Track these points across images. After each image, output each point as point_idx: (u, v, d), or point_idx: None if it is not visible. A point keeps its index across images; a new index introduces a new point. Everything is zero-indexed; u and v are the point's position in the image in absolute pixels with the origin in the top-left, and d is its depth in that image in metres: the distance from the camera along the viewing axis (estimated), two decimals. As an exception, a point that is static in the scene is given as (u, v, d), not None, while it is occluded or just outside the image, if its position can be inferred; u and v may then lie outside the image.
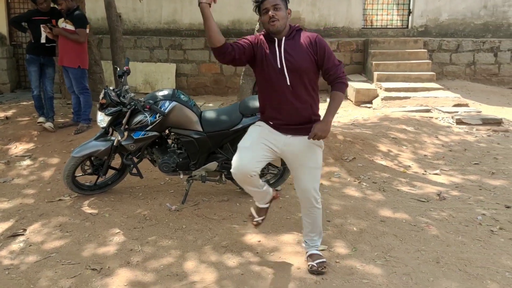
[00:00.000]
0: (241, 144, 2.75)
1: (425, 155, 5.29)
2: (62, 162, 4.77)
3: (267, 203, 2.99)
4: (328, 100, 2.73)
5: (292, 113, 2.68)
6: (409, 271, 2.82)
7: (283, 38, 2.64)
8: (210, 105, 8.32)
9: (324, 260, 2.82)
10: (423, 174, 4.71)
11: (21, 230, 3.39)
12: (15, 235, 3.33)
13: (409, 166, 4.94)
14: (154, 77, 9.74)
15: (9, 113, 6.77)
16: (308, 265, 2.81)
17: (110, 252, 3.07)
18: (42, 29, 5.59)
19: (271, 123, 2.75)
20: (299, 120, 2.70)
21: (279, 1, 2.60)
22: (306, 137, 2.65)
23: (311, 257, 2.84)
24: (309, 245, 2.90)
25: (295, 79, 2.64)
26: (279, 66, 2.62)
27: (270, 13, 2.57)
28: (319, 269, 2.76)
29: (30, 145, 5.37)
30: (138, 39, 9.83)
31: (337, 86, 2.68)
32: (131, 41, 9.76)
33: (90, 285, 2.70)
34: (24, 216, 3.65)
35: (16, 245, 3.19)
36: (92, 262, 2.93)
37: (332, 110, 2.65)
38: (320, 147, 2.77)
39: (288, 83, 2.63)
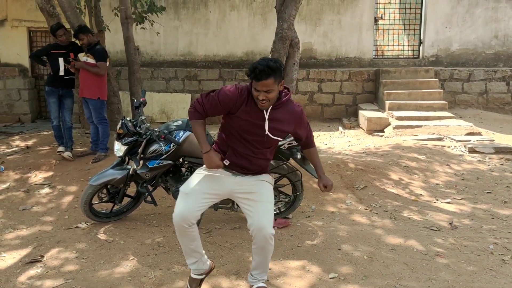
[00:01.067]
0: (182, 189, 2.75)
1: (436, 184, 5.30)
2: (79, 190, 4.92)
3: (202, 275, 2.91)
4: (340, 129, 2.88)
5: (253, 165, 2.78)
6: (419, 299, 2.83)
7: (270, 107, 2.67)
8: (224, 134, 8.46)
9: None
10: (434, 202, 4.72)
11: (39, 257, 3.49)
12: (33, 262, 3.42)
13: (421, 194, 4.95)
14: (170, 107, 9.98)
15: (30, 142, 7.00)
16: None
17: (124, 278, 3.14)
18: (60, 62, 5.85)
19: (227, 163, 2.77)
20: (256, 170, 2.81)
21: (273, 85, 2.55)
22: (257, 176, 2.80)
23: None
24: (256, 278, 2.86)
25: (270, 143, 2.76)
26: (263, 130, 2.68)
27: (261, 96, 2.56)
28: None
29: (50, 174, 5.54)
30: (155, 70, 10.13)
31: (314, 147, 3.00)
32: (148, 72, 10.07)
33: (105, 310, 2.77)
34: (42, 243, 3.76)
35: (34, 271, 3.28)
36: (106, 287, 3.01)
37: (320, 165, 2.95)
38: (269, 183, 2.85)
39: (266, 147, 2.77)
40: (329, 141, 7.96)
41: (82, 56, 5.88)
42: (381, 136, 8.02)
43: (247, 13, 10.51)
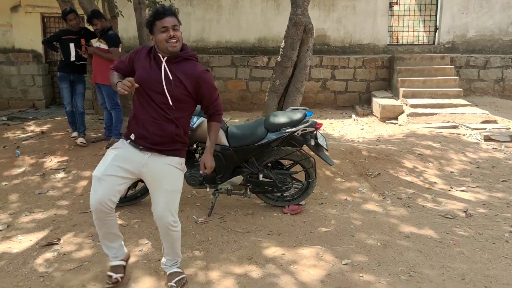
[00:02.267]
0: (94, 173, 2.68)
1: (451, 172, 5.24)
2: (94, 175, 4.96)
3: (122, 260, 2.89)
4: (353, 116, 2.81)
5: (157, 130, 2.65)
6: (433, 287, 2.81)
7: (167, 58, 2.63)
8: (236, 120, 8.47)
9: (182, 276, 2.82)
10: (449, 190, 4.68)
11: (56, 240, 3.55)
12: (49, 244, 3.48)
13: (435, 182, 4.91)
14: (182, 94, 9.98)
15: (45, 128, 7.06)
16: (168, 286, 2.79)
17: (139, 262, 3.18)
18: (71, 47, 5.86)
19: (132, 138, 2.70)
20: (160, 144, 2.67)
21: (177, 22, 2.59)
22: (166, 158, 2.68)
23: (170, 276, 2.82)
24: (167, 265, 2.87)
25: (173, 101, 2.64)
26: (159, 84, 2.61)
27: (170, 32, 2.54)
28: (179, 287, 2.76)
29: (64, 158, 5.60)
30: (167, 56, 10.11)
31: (217, 118, 2.85)
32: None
33: (120, 292, 2.81)
34: (58, 226, 3.82)
35: (51, 254, 3.34)
36: (122, 271, 3.05)
37: (213, 140, 2.85)
38: (180, 170, 2.75)
39: (170, 102, 2.63)
40: (342, 128, 7.91)
41: (95, 42, 5.89)
42: (395, 123, 7.94)
43: (260, -1, 10.41)
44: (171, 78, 2.62)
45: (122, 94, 2.62)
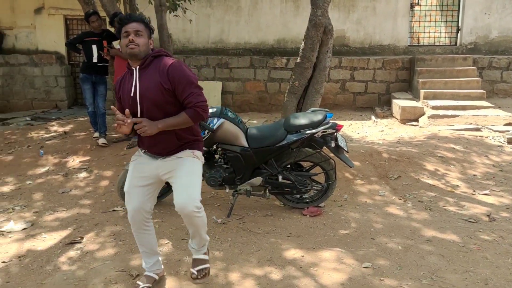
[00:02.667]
0: (124, 189, 2.74)
1: (474, 175, 5.16)
2: (115, 175, 5.04)
3: (155, 274, 2.89)
4: (372, 118, 2.78)
5: (157, 143, 2.63)
6: (456, 291, 2.77)
7: (138, 67, 2.56)
8: (254, 121, 8.48)
9: (206, 266, 2.77)
10: (472, 194, 4.60)
11: (79, 238, 3.61)
12: (73, 243, 3.54)
13: (457, 185, 4.84)
14: (201, 95, 10.04)
15: (67, 128, 7.20)
16: (190, 272, 2.79)
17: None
18: (94, 49, 5.97)
19: (142, 151, 2.73)
20: (167, 149, 2.65)
21: (142, 28, 2.54)
22: (178, 153, 2.66)
23: (194, 262, 2.79)
24: (194, 248, 2.81)
25: (154, 110, 2.54)
26: (132, 95, 2.54)
27: (130, 36, 2.49)
28: (199, 277, 2.73)
29: (86, 158, 5.69)
30: (187, 58, 10.20)
31: (189, 111, 2.55)
32: (180, 60, 10.14)
33: (141, 291, 2.84)
34: (81, 225, 3.88)
35: (74, 252, 3.40)
36: (143, 270, 3.07)
37: (168, 120, 2.53)
38: (195, 157, 2.69)
39: (158, 113, 2.54)
40: (362, 130, 7.85)
41: (116, 44, 5.98)
42: (415, 125, 7.85)
43: (279, 0, 10.41)
44: (139, 86, 2.52)
45: (123, 132, 2.53)
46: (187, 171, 2.63)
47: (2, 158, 5.97)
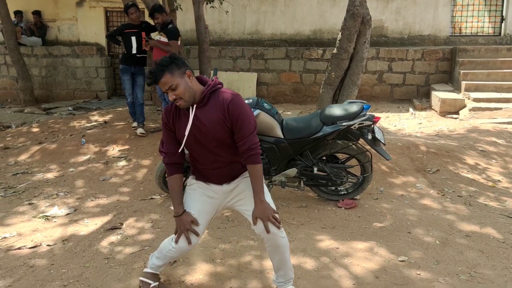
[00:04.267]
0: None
1: (517, 170, 4.98)
2: (153, 164, 5.17)
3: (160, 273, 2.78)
4: (410, 110, 2.71)
5: (220, 174, 2.53)
6: (495, 288, 2.71)
7: (195, 106, 2.40)
8: (289, 113, 8.46)
9: None
10: (514, 189, 4.45)
11: (119, 224, 3.74)
12: (113, 228, 3.68)
13: (499, 180, 4.68)
14: (236, 86, 10.10)
15: (107, 118, 7.42)
16: None
17: (196, 249, 3.28)
18: (133, 41, 6.11)
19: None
20: (230, 176, 2.54)
21: (171, 79, 2.29)
22: (238, 179, 2.54)
23: None
24: (282, 281, 2.59)
25: (217, 147, 2.44)
26: (187, 133, 2.41)
27: (170, 96, 2.33)
28: None
29: (125, 147, 5.86)
30: (222, 49, 10.27)
31: (251, 159, 2.40)
32: (216, 51, 10.22)
33: (176, 273, 2.92)
34: (121, 212, 4.02)
35: (114, 237, 3.53)
36: (180, 256, 3.16)
37: (258, 188, 2.39)
38: None
39: (208, 151, 2.45)
40: (399, 122, 7.70)
41: (155, 35, 6.10)
42: (455, 118, 7.62)
43: (316, -10, 10.29)
44: (200, 125, 2.39)
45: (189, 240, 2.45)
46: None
47: (47, 146, 6.23)
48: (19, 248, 3.36)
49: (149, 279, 2.71)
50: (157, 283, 2.72)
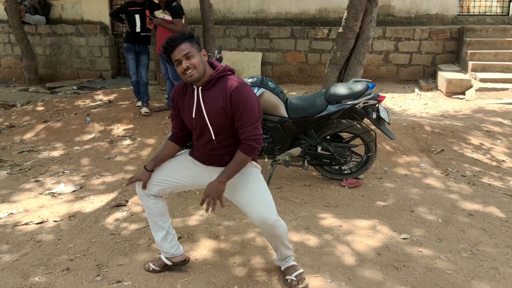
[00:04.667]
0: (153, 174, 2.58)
1: (522, 150, 4.96)
2: (157, 143, 5.19)
3: (172, 262, 2.71)
4: (416, 91, 2.69)
5: (216, 159, 2.51)
6: (497, 265, 2.73)
7: (200, 87, 2.39)
8: (294, 93, 8.43)
9: (301, 271, 2.56)
10: (518, 169, 4.45)
11: (124, 201, 3.79)
12: (118, 205, 3.72)
13: (503, 160, 4.68)
14: (240, 66, 10.05)
15: (111, 97, 7.42)
16: (287, 280, 2.54)
17: (201, 225, 3.32)
18: (136, 19, 6.06)
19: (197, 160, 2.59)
20: (221, 163, 2.49)
21: (190, 47, 2.29)
22: None
23: (287, 270, 2.58)
24: (281, 260, 2.61)
25: (221, 132, 2.43)
26: (193, 116, 2.42)
27: (183, 64, 2.28)
28: (299, 282, 2.50)
29: (130, 126, 5.88)
30: (227, 28, 10.18)
31: (243, 147, 2.37)
32: (221, 30, 10.14)
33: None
34: (126, 189, 4.06)
35: (120, 214, 3.57)
36: (184, 233, 3.21)
37: (228, 170, 2.36)
38: (255, 167, 2.57)
39: (212, 136, 2.44)
40: (404, 103, 7.66)
41: (159, 14, 6.04)
42: (461, 99, 7.57)
43: (322, -32, 10.12)
44: (204, 109, 2.39)
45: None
46: (254, 182, 2.47)
47: (52, 124, 6.26)
48: (26, 224, 3.41)
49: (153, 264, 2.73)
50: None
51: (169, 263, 2.70)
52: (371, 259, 2.83)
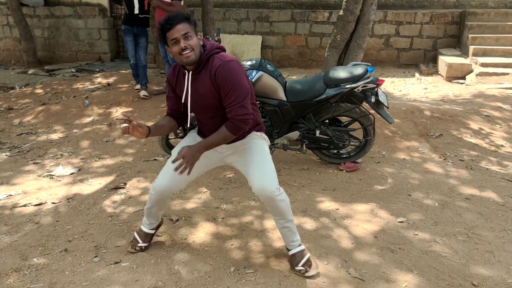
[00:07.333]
0: (170, 159, 2.47)
1: (521, 135, 4.96)
2: (156, 126, 5.18)
3: (153, 229, 2.79)
4: (416, 75, 2.67)
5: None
6: (492, 249, 2.75)
7: (191, 71, 2.35)
8: (293, 77, 8.38)
9: (307, 257, 2.51)
10: (517, 154, 4.45)
11: (122, 184, 3.80)
12: (117, 188, 3.73)
13: (502, 145, 4.68)
14: (240, 49, 9.98)
15: (110, 80, 7.39)
16: (296, 271, 2.51)
17: (199, 208, 3.34)
18: (135, 1, 5.99)
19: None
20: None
21: (189, 28, 2.24)
22: (241, 141, 2.51)
23: (294, 258, 2.52)
24: (287, 242, 2.57)
25: (211, 114, 2.43)
26: (183, 102, 2.43)
27: (181, 44, 2.22)
28: (308, 269, 2.48)
29: (129, 109, 5.87)
30: (227, 11, 10.08)
31: (228, 124, 2.32)
32: (220, 13, 10.04)
33: (179, 231, 2.99)
34: (125, 172, 4.07)
35: (118, 196, 3.58)
36: (182, 215, 3.23)
37: (209, 141, 2.35)
38: (263, 139, 2.58)
39: (210, 117, 2.44)
40: (404, 87, 7.62)
41: (158, -5, 5.96)
42: (462, 83, 7.53)
43: (323, -50, 9.97)
44: (191, 93, 2.37)
45: (139, 137, 2.40)
46: (258, 153, 2.48)
47: (51, 107, 6.25)
48: (25, 206, 3.43)
49: (140, 237, 2.77)
50: (145, 244, 2.76)
51: (152, 232, 2.78)
52: (368, 242, 2.85)
